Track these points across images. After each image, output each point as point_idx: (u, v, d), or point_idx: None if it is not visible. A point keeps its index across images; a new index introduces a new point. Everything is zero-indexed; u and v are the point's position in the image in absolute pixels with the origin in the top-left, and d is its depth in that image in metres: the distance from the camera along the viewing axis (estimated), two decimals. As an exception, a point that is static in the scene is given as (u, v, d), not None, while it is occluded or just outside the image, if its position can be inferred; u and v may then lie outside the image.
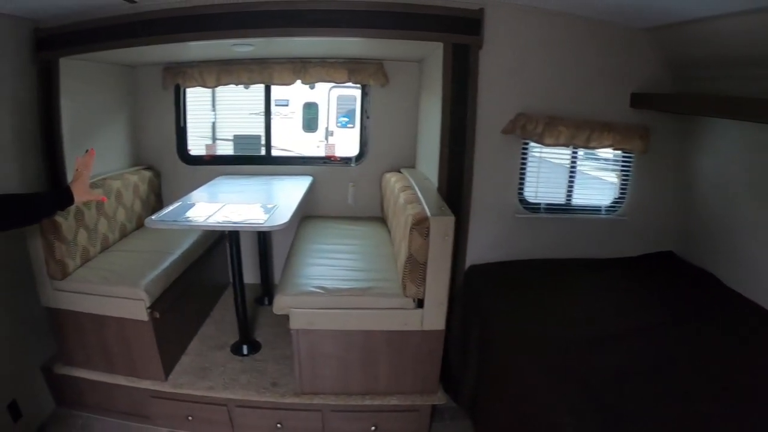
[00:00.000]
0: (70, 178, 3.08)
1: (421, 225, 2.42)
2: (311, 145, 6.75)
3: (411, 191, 2.97)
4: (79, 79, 3.14)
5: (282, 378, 2.86)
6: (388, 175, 3.69)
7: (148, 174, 3.82)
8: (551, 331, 2.34)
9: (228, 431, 2.83)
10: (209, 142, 4.40)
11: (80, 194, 2.01)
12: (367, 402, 2.71)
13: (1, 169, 2.75)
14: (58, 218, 2.69)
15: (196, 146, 4.24)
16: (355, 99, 6.20)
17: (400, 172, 3.66)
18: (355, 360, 2.67)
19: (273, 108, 4.05)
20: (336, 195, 4.01)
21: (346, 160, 3.99)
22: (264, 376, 2.89)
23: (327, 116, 7.09)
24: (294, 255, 3.19)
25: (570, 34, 2.85)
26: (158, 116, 3.93)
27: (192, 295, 3.32)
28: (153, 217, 2.72)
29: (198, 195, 3.31)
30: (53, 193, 2.00)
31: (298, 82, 3.64)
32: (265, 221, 2.66)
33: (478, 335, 2.71)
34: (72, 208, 2.78)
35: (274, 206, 2.92)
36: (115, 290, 2.72)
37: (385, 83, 3.65)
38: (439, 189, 2.91)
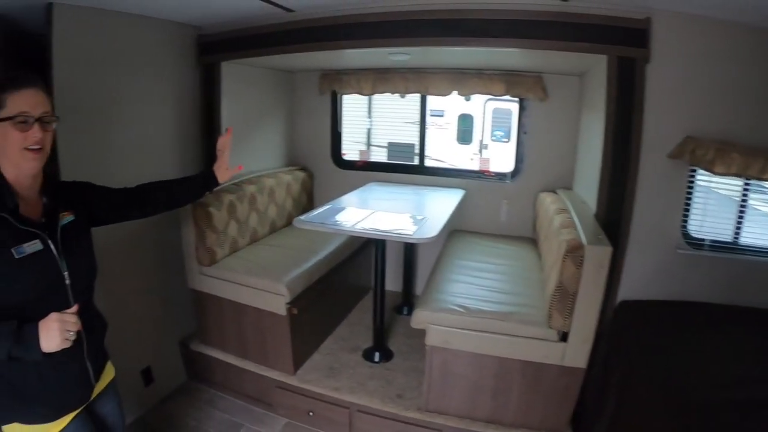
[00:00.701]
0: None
1: (575, 253, 2.21)
2: (465, 158, 6.65)
3: (567, 215, 2.73)
4: (240, 82, 3.33)
5: (408, 391, 2.77)
6: (543, 195, 3.44)
7: (301, 174, 3.97)
8: (702, 389, 2.00)
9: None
10: (363, 147, 4.49)
11: (222, 174, 1.99)
12: (491, 431, 2.54)
13: (163, 167, 2.97)
14: (211, 209, 2.86)
15: (350, 150, 4.34)
16: (511, 113, 5.96)
17: (555, 192, 3.40)
18: (485, 386, 2.51)
19: (428, 118, 3.99)
20: (487, 211, 3.82)
21: (500, 176, 3.77)
22: (391, 386, 2.82)
23: (482, 129, 7.01)
24: (438, 269, 3.08)
25: (746, 48, 2.42)
26: (314, 120, 4.06)
27: (332, 296, 3.35)
28: (302, 217, 2.78)
29: (349, 199, 3.36)
30: (200, 176, 2.02)
31: (454, 93, 3.55)
32: (413, 233, 2.59)
33: (620, 380, 2.42)
34: (225, 201, 2.99)
35: (423, 218, 2.84)
36: (258, 282, 2.82)
37: (544, 98, 3.42)
38: (597, 214, 2.65)
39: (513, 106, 3.76)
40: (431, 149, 5.08)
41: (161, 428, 2.89)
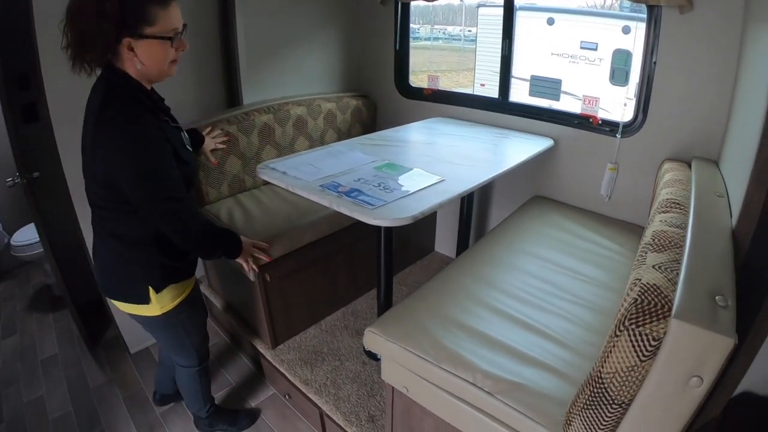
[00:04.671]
0: (246, 99, 2.42)
1: (641, 324, 0.84)
2: (617, 102, 4.80)
3: (678, 217, 1.24)
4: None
5: (384, 415, 1.75)
6: (667, 167, 1.79)
7: (354, 102, 2.80)
8: None
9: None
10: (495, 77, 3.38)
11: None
12: None
13: (180, 91, 2.23)
14: None
15: (490, 82, 3.20)
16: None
17: (690, 165, 1.76)
18: None
19: (579, 51, 2.46)
20: (583, 176, 2.22)
21: (610, 127, 2.11)
22: (369, 400, 1.83)
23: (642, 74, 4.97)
24: (474, 254, 1.80)
25: None
26: (377, 37, 2.81)
27: (347, 260, 2.32)
28: (271, 162, 1.74)
29: (373, 140, 2.18)
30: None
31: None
32: (375, 209, 1.36)
33: None
34: (222, 132, 2.15)
35: (438, 182, 1.58)
36: None
37: (686, 5, 1.67)
38: (737, 231, 1.13)
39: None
40: (577, 86, 3.73)
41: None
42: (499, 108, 2.47)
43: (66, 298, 2.35)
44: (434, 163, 1.80)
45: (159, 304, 1.38)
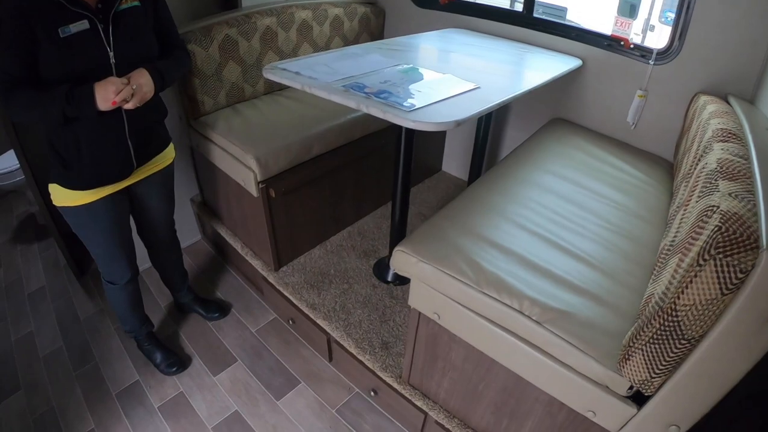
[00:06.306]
0: (246, 0, 2.11)
1: (729, 254, 0.75)
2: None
3: (738, 148, 1.12)
4: None
5: (400, 342, 1.70)
6: (704, 100, 1.60)
7: (362, 9, 2.49)
8: None
9: (323, 362, 1.92)
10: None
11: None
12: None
13: None
14: (193, 46, 1.79)
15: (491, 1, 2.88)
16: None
17: (727, 101, 1.61)
18: (486, 396, 1.33)
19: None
20: (609, 101, 2.02)
21: (641, 51, 1.89)
22: (383, 325, 1.76)
23: (651, 3, 4.61)
24: (498, 175, 1.64)
25: None
26: None
27: (354, 176, 2.16)
28: (280, 63, 1.49)
29: (395, 44, 1.91)
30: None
31: None
32: (410, 112, 1.18)
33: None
34: (218, 36, 1.85)
35: (473, 89, 1.40)
36: (231, 148, 1.79)
37: None
38: None
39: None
40: (584, 16, 3.48)
41: (150, 287, 2.27)
42: (523, 22, 2.21)
43: (50, 226, 2.15)
44: (460, 71, 1.61)
45: (52, 192, 1.39)
